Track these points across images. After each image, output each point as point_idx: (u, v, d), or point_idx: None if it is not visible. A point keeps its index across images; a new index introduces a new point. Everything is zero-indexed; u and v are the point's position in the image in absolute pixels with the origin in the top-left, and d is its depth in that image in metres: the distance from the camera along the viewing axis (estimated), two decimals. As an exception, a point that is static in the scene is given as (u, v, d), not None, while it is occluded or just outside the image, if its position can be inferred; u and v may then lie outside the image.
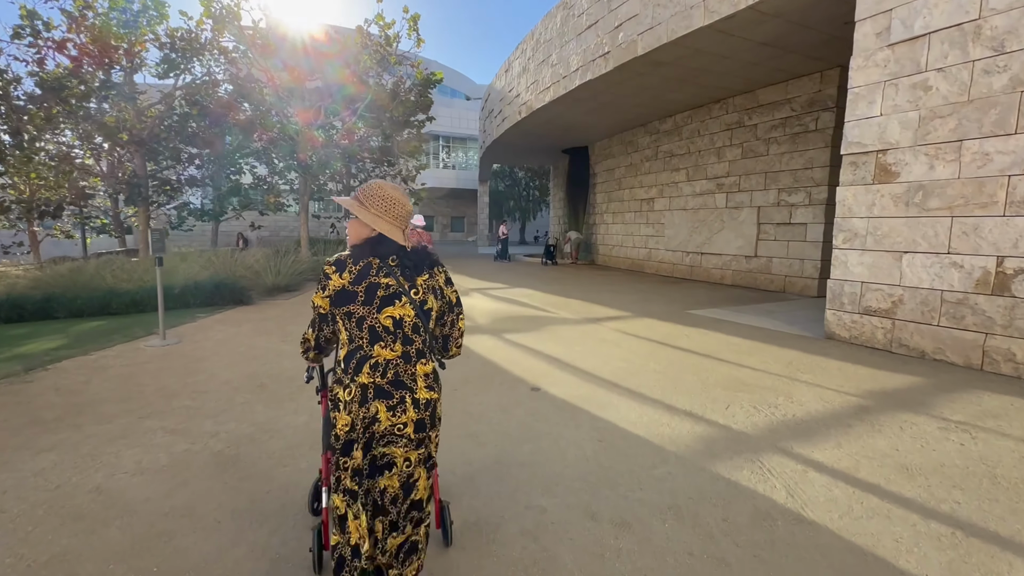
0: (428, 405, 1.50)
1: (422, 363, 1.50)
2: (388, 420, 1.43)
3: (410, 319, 1.47)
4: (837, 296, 5.62)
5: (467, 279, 12.12)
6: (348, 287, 1.44)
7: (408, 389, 1.46)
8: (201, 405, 3.56)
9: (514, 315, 7.24)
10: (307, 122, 13.73)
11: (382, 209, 1.49)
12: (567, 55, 10.81)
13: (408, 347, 1.47)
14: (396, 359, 1.46)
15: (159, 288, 5.21)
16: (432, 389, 1.52)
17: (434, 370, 1.56)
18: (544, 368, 4.60)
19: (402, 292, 1.46)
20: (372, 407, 1.42)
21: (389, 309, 1.44)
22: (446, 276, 1.62)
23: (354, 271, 1.45)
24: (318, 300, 1.51)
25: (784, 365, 4.65)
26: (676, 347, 5.35)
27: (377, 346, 1.44)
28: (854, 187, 5.41)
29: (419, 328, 1.49)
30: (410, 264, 1.51)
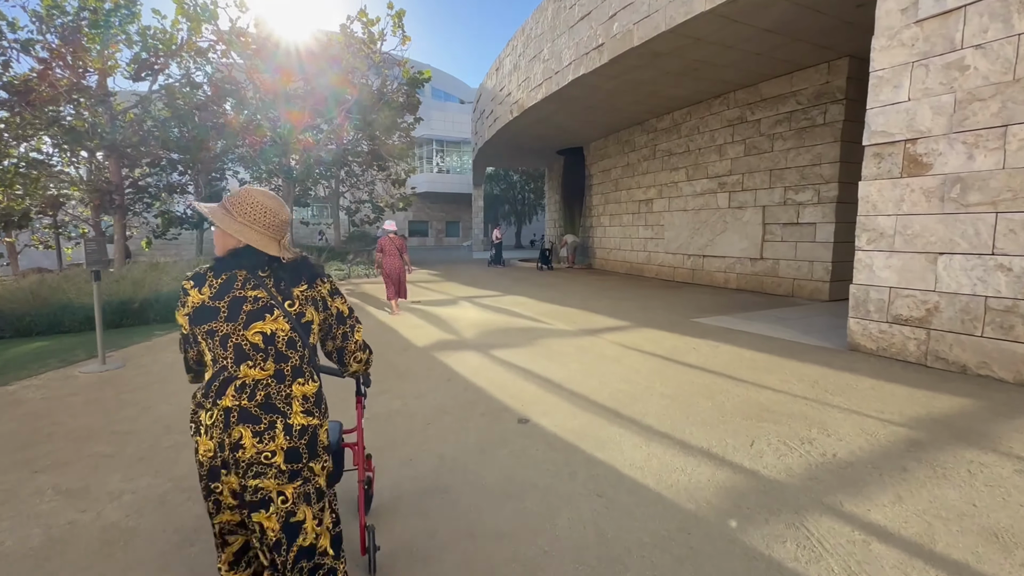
0: (304, 432, 1.33)
1: (299, 383, 1.36)
2: (254, 447, 1.28)
3: (284, 333, 1.34)
4: (861, 303, 5.04)
5: (457, 286, 11.53)
6: (208, 302, 1.32)
7: (280, 413, 1.31)
8: (118, 451, 2.95)
9: (504, 327, 6.65)
10: (290, 125, 13.17)
11: (250, 218, 1.35)
12: (559, 49, 10.27)
13: (282, 365, 1.34)
14: (267, 379, 1.33)
15: (96, 307, 4.61)
16: (311, 414, 1.36)
17: (316, 392, 1.40)
18: (535, 392, 4.01)
19: (274, 305, 1.34)
20: (236, 432, 1.28)
21: (258, 324, 1.31)
22: (331, 287, 1.49)
23: (215, 285, 1.33)
24: (179, 318, 1.37)
25: (809, 385, 4.06)
26: (684, 363, 4.76)
27: (244, 366, 1.31)
28: (879, 181, 4.84)
29: (296, 343, 1.36)
30: (285, 275, 1.38)
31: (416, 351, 5.40)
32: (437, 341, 5.86)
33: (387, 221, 8.46)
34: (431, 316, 7.54)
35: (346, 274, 13.75)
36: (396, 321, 7.12)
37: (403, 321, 7.15)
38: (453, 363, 4.89)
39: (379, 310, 8.15)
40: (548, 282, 12.30)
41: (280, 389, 1.33)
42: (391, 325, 6.84)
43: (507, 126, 13.99)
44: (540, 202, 35.33)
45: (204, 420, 1.30)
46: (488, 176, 34.13)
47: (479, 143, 18.71)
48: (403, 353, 5.30)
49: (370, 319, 7.36)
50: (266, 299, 1.34)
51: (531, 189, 35.12)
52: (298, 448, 1.32)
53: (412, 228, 38.16)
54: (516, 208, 35.90)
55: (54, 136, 12.11)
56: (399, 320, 7.21)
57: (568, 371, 4.56)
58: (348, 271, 13.94)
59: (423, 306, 8.55)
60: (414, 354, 5.27)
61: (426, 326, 6.75)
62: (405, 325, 6.84)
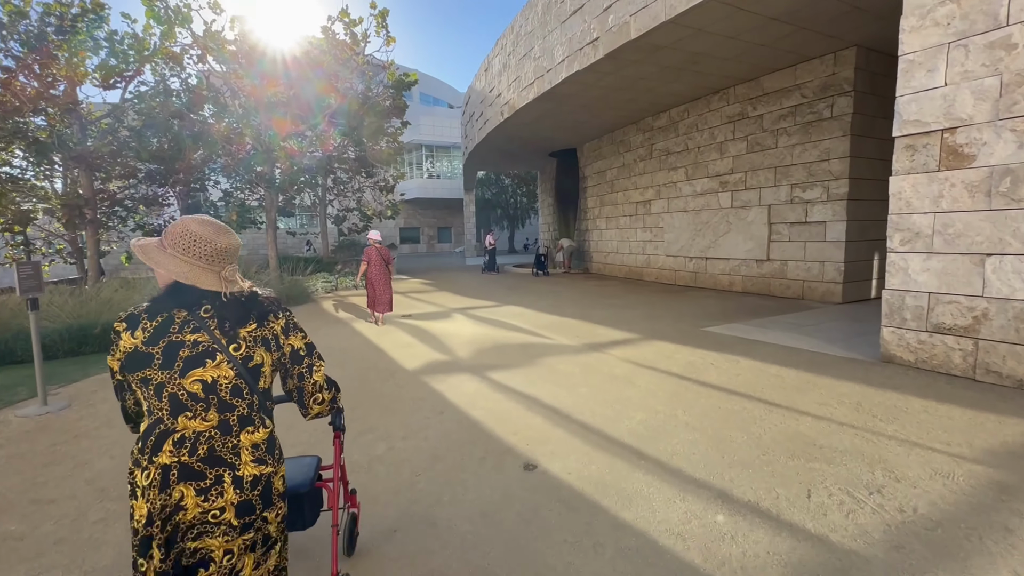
0: (257, 483, 1.22)
1: (248, 432, 1.24)
2: (198, 507, 1.16)
3: (228, 381, 1.22)
4: (896, 310, 4.57)
5: (450, 296, 10.98)
6: (142, 348, 1.19)
7: (228, 465, 1.19)
8: (31, 530, 2.39)
9: (502, 343, 6.12)
10: (272, 132, 12.59)
11: (180, 248, 1.24)
12: (551, 46, 9.80)
13: (227, 415, 1.22)
14: (210, 431, 1.20)
15: (34, 341, 4.02)
16: (263, 463, 1.25)
17: (269, 438, 1.28)
18: (541, 426, 3.48)
19: (216, 349, 1.22)
20: (176, 492, 1.15)
21: (198, 371, 1.20)
22: (286, 323, 1.36)
23: (149, 328, 1.20)
24: (111, 363, 1.25)
25: (852, 408, 3.57)
26: (705, 384, 4.25)
27: (182, 417, 1.19)
28: (913, 176, 4.38)
29: (242, 391, 1.24)
30: (229, 314, 1.26)
31: (404, 376, 4.85)
32: (428, 363, 5.32)
33: (371, 231, 8.09)
34: (421, 332, 7.00)
35: (333, 286, 13.16)
36: (384, 340, 6.57)
37: (391, 339, 6.60)
38: (446, 390, 4.35)
39: (366, 324, 7.59)
40: (545, 289, 11.79)
41: (226, 441, 1.22)
42: (378, 344, 6.29)
43: (498, 128, 13.50)
44: (533, 206, 34.89)
45: (140, 481, 1.17)
46: (479, 181, 33.66)
47: (469, 147, 18.21)
48: (389, 379, 4.75)
49: (356, 337, 6.80)
50: (207, 343, 1.22)
51: (523, 193, 34.68)
52: (250, 500, 1.22)
53: (403, 235, 37.55)
54: (508, 212, 35.43)
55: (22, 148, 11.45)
56: (387, 338, 6.66)
57: (576, 397, 4.04)
58: (335, 282, 13.35)
59: (414, 320, 8.01)
60: (402, 380, 4.72)
61: (416, 344, 6.20)
62: (393, 344, 6.29)
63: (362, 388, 4.50)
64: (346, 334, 7.04)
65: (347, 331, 7.27)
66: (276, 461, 1.29)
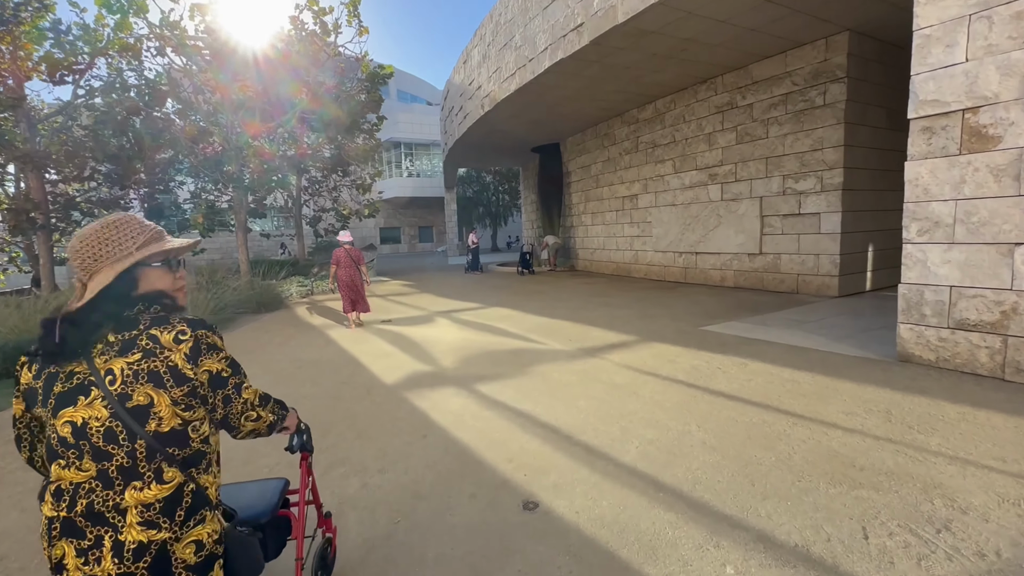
0: (143, 552, 1.02)
1: (134, 488, 1.03)
2: (78, 570, 1.00)
3: (99, 424, 1.03)
4: (914, 305, 4.25)
5: (433, 299, 10.47)
6: (32, 383, 1.09)
7: (109, 526, 1.01)
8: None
9: (489, 350, 5.66)
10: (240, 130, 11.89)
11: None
12: (533, 34, 9.35)
13: (105, 464, 1.03)
14: (89, 481, 1.03)
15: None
16: (154, 527, 1.03)
17: (169, 497, 1.05)
18: (539, 450, 3.04)
19: (93, 383, 1.05)
20: (58, 548, 1.02)
21: (68, 411, 1.03)
22: (193, 345, 1.12)
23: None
24: (15, 406, 1.15)
25: (883, 417, 3.21)
26: (714, 392, 3.87)
27: (55, 466, 1.04)
28: (931, 160, 4.06)
29: (117, 436, 1.03)
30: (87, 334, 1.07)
31: (382, 392, 4.36)
32: (409, 375, 4.83)
33: (341, 232, 7.67)
34: (402, 339, 6.49)
35: (309, 290, 12.52)
36: (360, 349, 6.05)
37: (368, 348, 6.09)
38: (429, 408, 3.88)
39: (342, 331, 7.05)
40: (532, 289, 11.36)
41: (108, 496, 1.02)
42: (354, 355, 5.77)
43: (478, 122, 13.01)
44: (515, 203, 34.45)
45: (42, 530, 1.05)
46: (460, 179, 33.07)
47: (449, 143, 17.67)
48: (366, 397, 4.26)
49: (330, 347, 6.26)
50: (84, 374, 1.05)
51: (505, 190, 34.19)
52: (134, 575, 1.01)
53: (384, 235, 36.76)
54: (491, 210, 34.91)
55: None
56: (364, 347, 6.15)
57: (576, 412, 3.61)
58: (311, 286, 12.71)
59: (394, 326, 7.49)
60: (380, 397, 4.23)
61: (396, 354, 5.71)
62: (371, 354, 5.78)
63: (335, 408, 4.00)
64: (319, 343, 6.49)
65: (321, 340, 6.72)
66: (178, 526, 1.06)
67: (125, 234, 1.16)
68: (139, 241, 1.17)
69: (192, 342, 1.13)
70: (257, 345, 6.61)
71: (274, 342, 6.74)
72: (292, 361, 5.60)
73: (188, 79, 11.93)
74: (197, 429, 1.14)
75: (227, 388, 1.20)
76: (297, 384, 4.70)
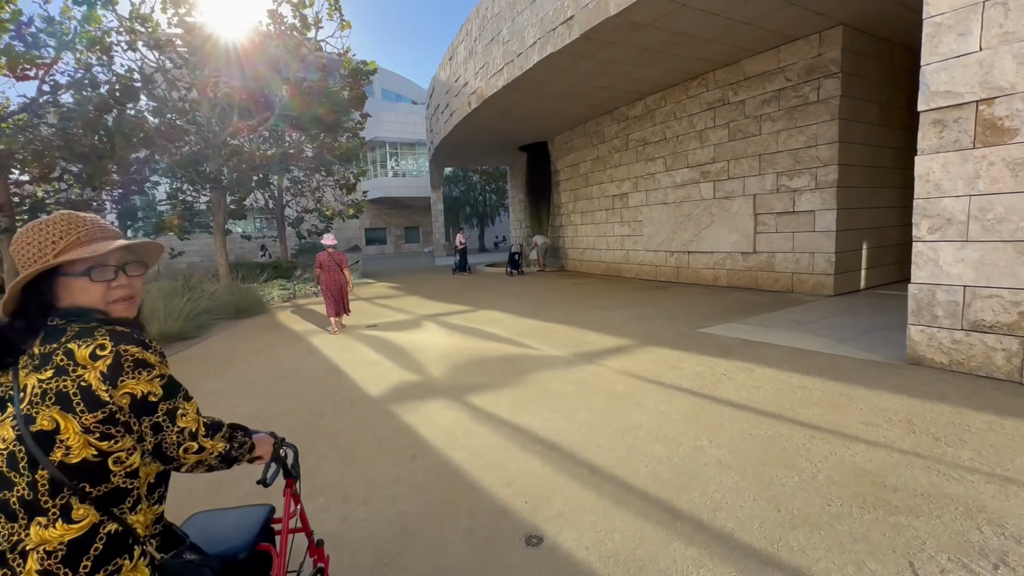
0: None
1: (39, 524, 0.90)
2: None
3: (3, 447, 0.92)
4: (925, 306, 4.08)
5: (420, 301, 10.15)
6: None
7: (8, 568, 0.90)
8: None
9: (481, 356, 5.38)
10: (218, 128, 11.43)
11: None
12: (521, 28, 9.08)
13: (6, 493, 0.91)
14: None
15: None
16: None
17: (80, 540, 0.92)
18: (540, 472, 2.77)
19: (11, 399, 0.95)
20: None
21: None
22: (114, 362, 0.96)
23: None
24: None
25: (906, 428, 3.01)
26: (723, 401, 3.64)
27: None
28: (943, 155, 3.89)
29: (17, 463, 0.92)
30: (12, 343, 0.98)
31: (368, 406, 4.05)
32: (396, 386, 4.53)
33: (326, 235, 7.42)
34: (388, 346, 6.18)
35: (291, 293, 12.10)
36: (345, 358, 5.73)
37: (353, 356, 5.77)
38: (419, 424, 3.59)
39: (325, 338, 6.69)
40: (522, 290, 11.10)
41: (13, 530, 0.90)
42: (337, 364, 5.44)
43: (465, 120, 12.70)
44: (503, 202, 34.18)
45: None
46: (447, 178, 32.70)
47: (435, 141, 17.32)
48: (349, 411, 3.95)
49: (312, 356, 5.92)
50: (6, 387, 0.97)
51: (492, 189, 33.90)
52: None
53: (369, 236, 36.20)
54: (478, 210, 34.59)
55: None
56: (348, 356, 5.82)
57: (577, 426, 3.36)
58: (294, 290, 12.28)
59: (379, 331, 7.17)
60: (364, 411, 3.92)
61: (382, 362, 5.39)
62: (355, 362, 5.46)
63: (315, 426, 3.68)
64: (301, 352, 6.15)
65: (302, 348, 6.37)
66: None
67: (46, 237, 1.02)
68: (60, 245, 1.02)
69: (111, 359, 0.96)
70: (233, 354, 6.24)
71: (252, 350, 6.37)
72: (270, 372, 5.26)
73: (161, 75, 11.43)
74: (121, 462, 0.98)
75: (156, 415, 1.02)
76: (275, 398, 4.37)
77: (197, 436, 1.09)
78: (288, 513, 1.51)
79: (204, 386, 4.86)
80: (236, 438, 1.20)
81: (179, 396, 1.08)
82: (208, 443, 1.12)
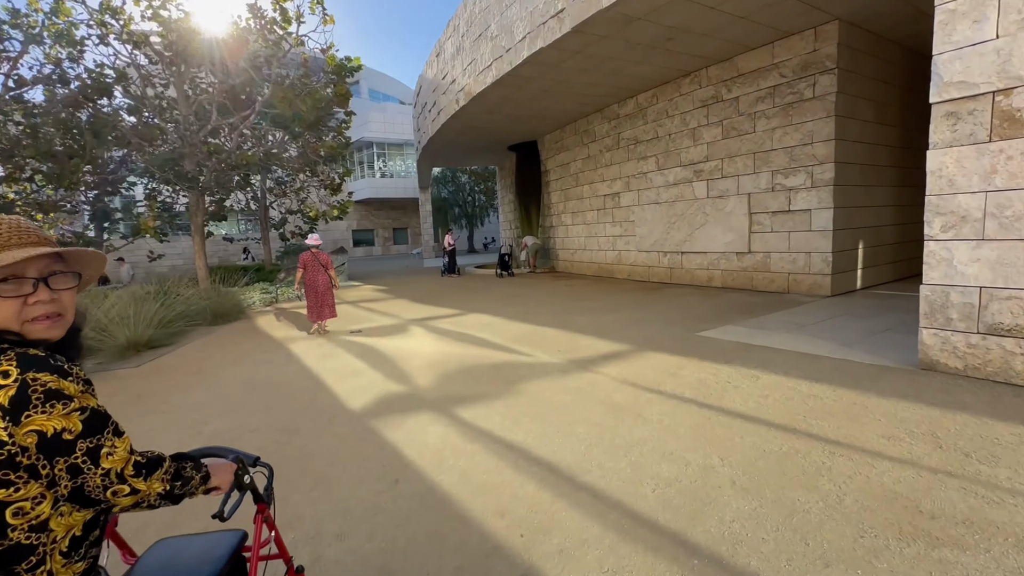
0: None
1: None
2: None
3: None
4: (939, 309, 3.88)
5: (407, 305, 9.82)
6: None
7: None
8: None
9: (471, 364, 5.09)
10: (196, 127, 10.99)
11: None
12: (510, 22, 8.82)
13: None
14: None
15: None
16: None
17: None
18: (536, 498, 2.49)
19: None
20: None
21: None
22: (18, 394, 0.83)
23: None
24: None
25: (930, 442, 2.78)
26: (731, 412, 3.39)
27: None
28: (957, 149, 3.68)
29: None
30: None
31: (347, 421, 3.74)
32: (380, 398, 4.22)
33: (310, 235, 7.17)
34: (373, 353, 5.85)
35: (273, 297, 11.68)
36: (325, 367, 5.39)
37: (335, 364, 5.44)
38: (402, 441, 3.29)
39: (306, 344, 6.34)
40: (512, 292, 10.82)
41: None
42: (317, 374, 5.11)
43: (453, 118, 12.39)
44: (492, 203, 33.89)
45: None
46: (435, 179, 32.35)
47: (422, 141, 16.98)
48: (327, 428, 3.63)
49: (291, 364, 5.58)
50: None
51: (481, 190, 33.59)
52: None
53: (357, 238, 35.69)
54: (467, 211, 34.25)
55: None
56: (330, 364, 5.49)
57: (575, 443, 3.08)
58: (276, 293, 11.87)
59: (363, 337, 6.84)
60: (344, 428, 3.61)
61: (366, 371, 5.07)
62: (337, 372, 5.13)
63: (288, 445, 3.36)
64: (279, 360, 5.80)
65: (281, 356, 6.02)
66: None
67: None
68: None
69: (15, 390, 0.83)
70: (206, 364, 5.87)
71: (227, 359, 6.00)
72: (244, 383, 4.91)
73: (135, 70, 10.96)
74: (23, 513, 0.85)
75: (74, 455, 0.87)
76: (246, 413, 4.03)
77: (126, 478, 0.93)
78: (259, 542, 1.35)
79: (170, 400, 4.50)
80: (182, 475, 1.03)
81: (107, 431, 0.92)
82: (141, 485, 0.95)
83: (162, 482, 0.98)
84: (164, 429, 3.77)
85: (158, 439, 3.58)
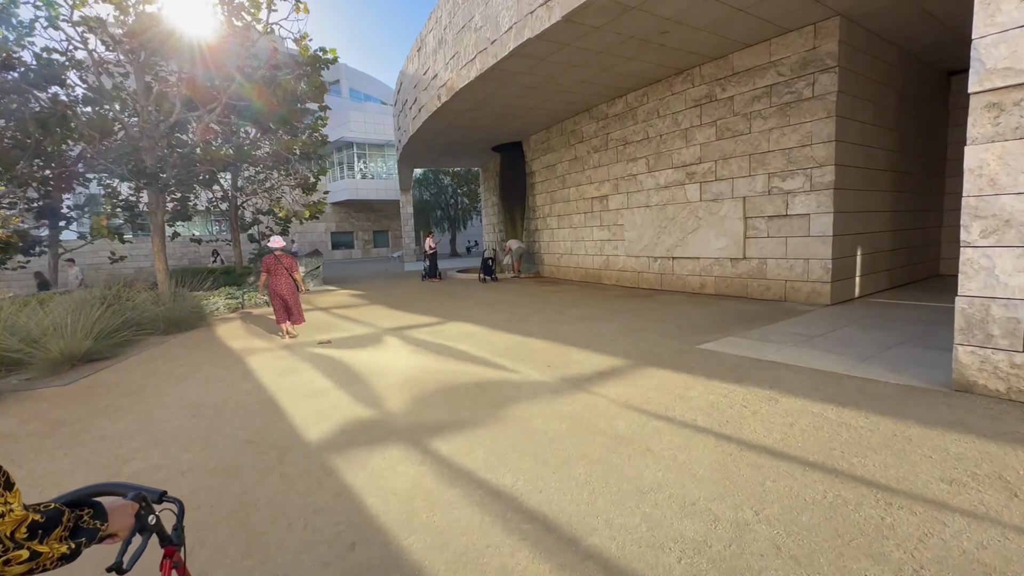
0: None
1: None
2: None
3: None
4: (978, 323, 3.46)
5: (384, 312, 9.18)
6: None
7: None
8: None
9: (450, 383, 4.51)
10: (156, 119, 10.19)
11: None
12: (495, 12, 8.30)
13: None
14: None
15: None
16: None
17: None
18: (531, 572, 1.94)
19: None
20: None
21: None
22: None
23: None
24: None
25: (1000, 487, 2.32)
26: (756, 446, 2.90)
27: None
28: (1001, 144, 3.28)
29: None
30: None
31: (301, 458, 3.13)
32: (343, 427, 3.61)
33: (273, 238, 6.69)
34: (341, 369, 5.23)
35: (240, 302, 10.90)
36: (284, 385, 4.75)
37: (296, 382, 4.80)
38: (365, 487, 2.70)
39: (266, 357, 5.68)
40: (496, 298, 10.26)
41: None
42: (273, 394, 4.46)
43: (435, 115, 11.81)
44: (475, 206, 33.30)
45: None
46: (417, 180, 31.64)
47: (403, 140, 16.34)
48: (275, 466, 3.01)
49: (246, 382, 4.91)
50: None
51: (464, 192, 32.97)
52: None
53: (336, 240, 34.69)
54: (449, 213, 33.58)
55: None
56: (289, 382, 4.85)
57: (575, 488, 2.54)
58: (242, 298, 11.08)
59: (333, 349, 6.20)
60: (296, 468, 3.00)
61: (330, 391, 4.45)
62: (296, 391, 4.50)
63: (225, 492, 2.74)
64: (233, 376, 5.12)
65: (236, 371, 5.34)
66: None
67: None
68: None
69: None
70: (147, 381, 5.16)
71: (173, 375, 5.30)
72: (186, 407, 4.24)
73: (88, 55, 10.12)
74: None
75: None
76: (180, 446, 3.38)
77: (21, 543, 0.75)
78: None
79: (92, 429, 3.81)
80: (83, 527, 0.85)
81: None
82: (42, 548, 0.78)
83: (62, 541, 0.82)
84: (74, 470, 3.09)
85: (65, 483, 2.91)
